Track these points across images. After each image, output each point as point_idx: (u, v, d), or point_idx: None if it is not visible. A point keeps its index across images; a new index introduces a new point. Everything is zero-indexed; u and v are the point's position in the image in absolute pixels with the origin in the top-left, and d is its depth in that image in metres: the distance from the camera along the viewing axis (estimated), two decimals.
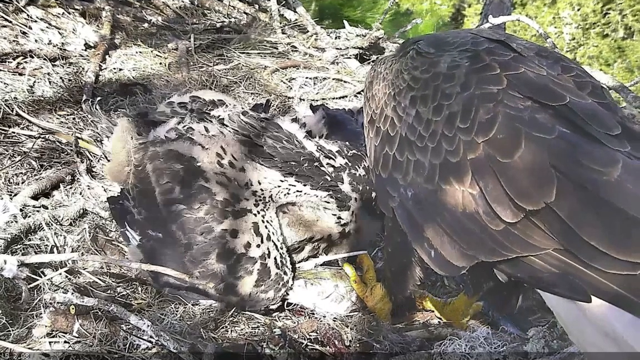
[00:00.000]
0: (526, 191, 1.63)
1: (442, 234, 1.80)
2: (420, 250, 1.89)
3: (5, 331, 2.11)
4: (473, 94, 1.83)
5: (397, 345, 2.27)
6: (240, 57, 4.92)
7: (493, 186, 1.68)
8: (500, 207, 1.66)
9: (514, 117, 1.73)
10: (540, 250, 1.61)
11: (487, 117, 1.76)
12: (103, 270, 2.57)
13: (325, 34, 5.60)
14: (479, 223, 1.71)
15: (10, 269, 2.34)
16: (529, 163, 1.65)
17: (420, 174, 1.89)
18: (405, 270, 2.25)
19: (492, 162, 1.70)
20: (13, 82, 3.78)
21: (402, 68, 2.14)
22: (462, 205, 1.75)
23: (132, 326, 2.12)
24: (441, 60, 2.02)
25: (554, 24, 18.08)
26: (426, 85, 1.99)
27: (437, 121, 1.89)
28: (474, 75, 1.88)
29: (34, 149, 3.28)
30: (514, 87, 1.81)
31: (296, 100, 4.40)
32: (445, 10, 18.17)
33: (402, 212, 1.97)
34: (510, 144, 1.69)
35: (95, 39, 4.54)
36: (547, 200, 1.58)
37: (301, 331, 2.28)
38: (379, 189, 2.16)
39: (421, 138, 1.92)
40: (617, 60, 16.61)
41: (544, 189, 1.60)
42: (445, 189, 1.79)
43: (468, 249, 1.74)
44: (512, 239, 1.65)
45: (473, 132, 1.77)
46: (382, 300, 2.49)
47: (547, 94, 1.79)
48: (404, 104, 2.04)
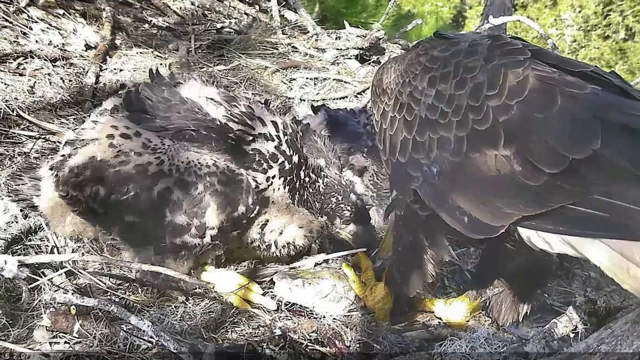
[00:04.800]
0: (571, 141, 1.65)
1: (474, 199, 1.81)
2: (452, 220, 1.89)
3: (6, 331, 2.11)
4: (499, 64, 1.87)
5: (397, 346, 2.27)
6: (241, 57, 4.93)
7: (532, 142, 1.70)
8: (542, 160, 1.67)
9: (545, 78, 1.77)
10: (586, 195, 1.62)
11: (517, 80, 1.80)
12: (103, 270, 2.57)
13: (325, 35, 5.62)
14: (516, 181, 1.72)
15: (11, 269, 2.34)
16: (569, 115, 1.68)
17: (445, 149, 1.90)
18: (416, 269, 2.24)
19: (529, 120, 1.73)
20: (14, 83, 3.79)
21: (418, 52, 2.16)
22: (494, 169, 1.76)
23: (132, 326, 2.12)
24: (461, 41, 2.05)
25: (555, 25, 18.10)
26: (446, 63, 2.00)
27: (460, 95, 1.90)
28: (497, 49, 1.92)
29: (35, 149, 3.28)
30: (538, 57, 1.85)
31: (297, 100, 4.41)
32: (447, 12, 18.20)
33: (427, 189, 1.97)
34: (545, 101, 1.72)
35: (96, 39, 4.55)
36: (594, 147, 1.60)
37: (301, 331, 2.28)
38: (397, 175, 2.15)
39: (443, 115, 1.93)
40: (618, 62, 16.63)
41: (589, 137, 1.62)
42: (474, 157, 1.81)
43: (506, 207, 1.75)
44: (555, 190, 1.66)
45: (504, 96, 1.79)
46: (382, 300, 2.48)
47: (570, 64, 1.84)
48: (422, 86, 2.05)
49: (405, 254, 2.29)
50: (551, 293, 2.79)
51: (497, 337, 2.28)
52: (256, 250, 2.71)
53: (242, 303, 2.49)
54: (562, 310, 2.57)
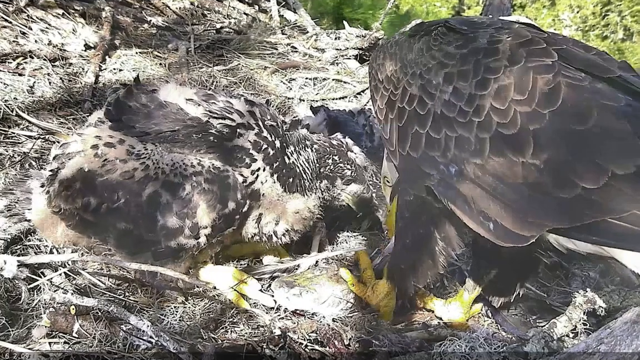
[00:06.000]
0: (613, 156, 1.64)
1: (500, 205, 1.79)
2: (475, 225, 1.87)
3: (5, 331, 2.11)
4: (526, 67, 1.83)
5: (397, 346, 2.26)
6: (240, 57, 4.93)
7: (568, 154, 1.68)
8: (579, 174, 1.65)
9: (578, 87, 1.74)
10: (623, 212, 1.62)
11: (548, 87, 1.76)
12: (102, 270, 2.57)
13: (325, 35, 5.62)
14: (545, 191, 1.70)
15: (10, 270, 2.34)
16: (607, 129, 1.66)
17: (464, 149, 1.87)
18: (426, 260, 2.21)
19: (564, 132, 1.70)
20: (13, 83, 3.79)
21: (430, 45, 2.10)
22: (520, 176, 1.74)
23: (132, 326, 2.12)
24: (478, 36, 2.00)
25: (554, 25, 18.12)
26: (464, 61, 1.96)
27: (483, 95, 1.86)
28: (522, 49, 1.88)
29: (34, 149, 3.28)
30: (565, 60, 1.82)
31: (296, 100, 4.41)
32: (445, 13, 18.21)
33: (445, 189, 1.94)
34: (581, 112, 1.70)
35: (95, 39, 4.55)
36: (636, 162, 1.60)
37: (301, 331, 2.28)
38: (407, 169, 2.12)
39: (463, 114, 1.89)
40: None
41: (632, 152, 1.62)
42: (498, 161, 1.79)
43: (537, 218, 1.73)
44: (590, 204, 1.65)
45: (534, 103, 1.76)
46: (387, 296, 2.46)
47: (597, 68, 1.81)
48: (436, 81, 2.00)
49: (414, 246, 2.25)
50: (550, 293, 2.79)
51: (496, 337, 2.28)
52: (259, 244, 2.73)
53: (240, 299, 2.49)
54: (561, 310, 2.57)
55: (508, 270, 2.43)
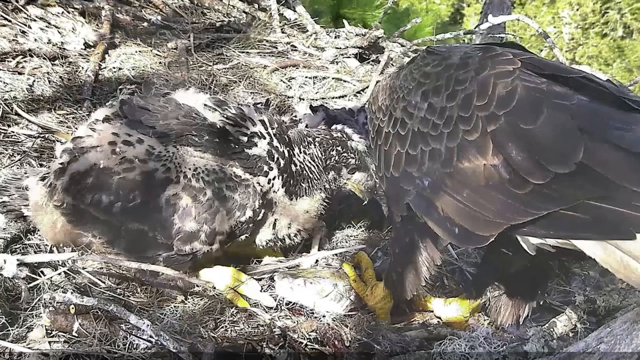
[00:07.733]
0: (554, 153, 1.69)
1: (463, 209, 1.84)
2: (442, 231, 1.92)
3: (5, 331, 2.11)
4: (489, 74, 1.88)
5: (397, 345, 2.27)
6: (240, 56, 4.92)
7: (518, 153, 1.73)
8: (528, 171, 1.71)
9: (533, 89, 1.79)
10: (572, 202, 1.67)
11: (506, 90, 1.81)
12: (102, 270, 2.57)
13: (324, 33, 5.60)
14: (504, 190, 1.76)
15: (10, 269, 2.34)
16: (553, 127, 1.71)
17: (436, 160, 1.92)
18: (411, 272, 2.24)
19: (515, 131, 1.75)
20: (12, 81, 3.79)
21: (411, 69, 2.17)
22: (483, 178, 1.79)
23: (131, 326, 2.12)
24: (453, 55, 2.06)
25: (554, 23, 18.11)
26: (438, 77, 2.02)
27: (451, 106, 1.92)
28: (488, 60, 1.93)
29: (34, 148, 3.28)
30: (528, 67, 1.86)
31: (296, 99, 4.40)
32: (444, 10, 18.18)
33: (420, 201, 1.99)
34: (532, 111, 1.74)
35: (95, 38, 4.54)
36: (576, 160, 1.65)
37: (301, 331, 2.28)
38: (391, 190, 2.16)
39: (435, 127, 1.95)
40: (616, 60, 16.64)
41: (572, 149, 1.66)
42: (464, 167, 1.84)
43: (494, 217, 1.78)
44: (542, 198, 1.70)
45: (492, 106, 1.81)
46: (383, 299, 2.49)
47: (562, 70, 1.86)
48: (415, 100, 2.06)
49: (402, 256, 2.29)
50: (550, 292, 2.79)
51: (496, 336, 2.28)
52: (270, 249, 2.76)
53: (240, 299, 2.49)
54: (561, 309, 2.58)
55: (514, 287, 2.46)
